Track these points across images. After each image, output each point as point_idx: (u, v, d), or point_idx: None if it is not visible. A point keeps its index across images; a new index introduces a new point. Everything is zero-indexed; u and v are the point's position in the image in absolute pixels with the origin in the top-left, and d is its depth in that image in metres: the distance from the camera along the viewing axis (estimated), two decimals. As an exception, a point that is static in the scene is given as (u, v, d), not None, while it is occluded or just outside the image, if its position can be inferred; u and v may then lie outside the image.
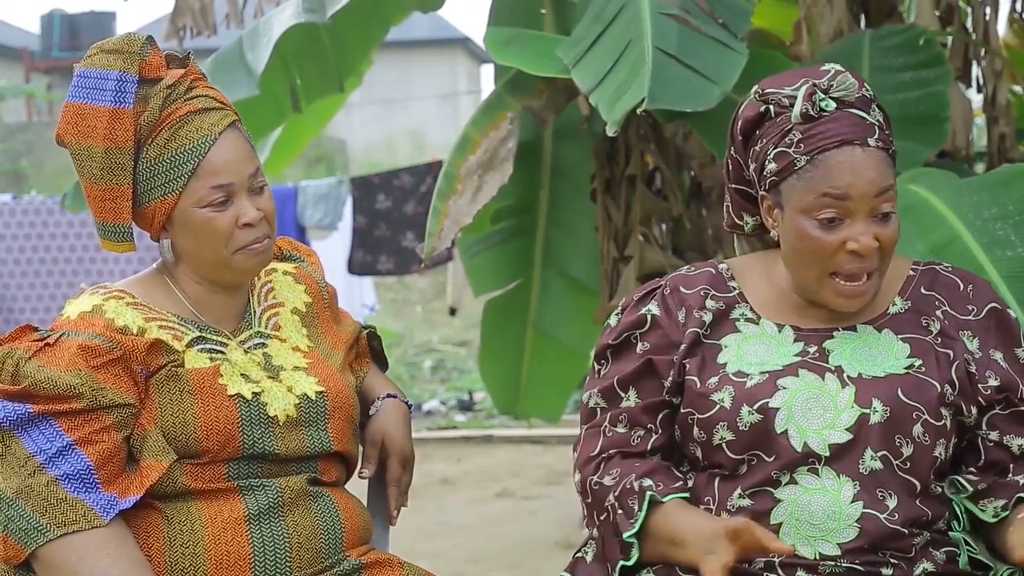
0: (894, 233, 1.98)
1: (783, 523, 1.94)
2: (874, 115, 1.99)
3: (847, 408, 1.95)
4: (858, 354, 2.00)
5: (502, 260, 4.78)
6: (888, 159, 1.98)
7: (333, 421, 2.14)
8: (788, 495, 1.94)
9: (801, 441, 1.94)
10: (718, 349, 2.04)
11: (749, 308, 2.08)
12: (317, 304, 2.27)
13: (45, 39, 18.09)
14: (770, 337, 2.04)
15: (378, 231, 8.56)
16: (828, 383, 1.98)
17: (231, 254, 2.08)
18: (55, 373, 1.98)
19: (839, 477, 1.93)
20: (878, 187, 1.96)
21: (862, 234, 1.95)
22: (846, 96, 1.98)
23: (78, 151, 2.06)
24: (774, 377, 1.98)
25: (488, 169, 3.87)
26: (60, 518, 1.93)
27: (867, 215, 1.96)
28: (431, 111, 21.86)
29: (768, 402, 1.96)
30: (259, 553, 2.03)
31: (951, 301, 2.06)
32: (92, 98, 2.05)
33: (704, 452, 2.02)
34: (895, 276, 2.08)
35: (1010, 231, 2.85)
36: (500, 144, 3.90)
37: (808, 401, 1.96)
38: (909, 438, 1.94)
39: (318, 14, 3.94)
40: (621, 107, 3.15)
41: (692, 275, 2.14)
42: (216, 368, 2.07)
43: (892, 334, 2.03)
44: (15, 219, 8.74)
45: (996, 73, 4.28)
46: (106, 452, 1.98)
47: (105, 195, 2.06)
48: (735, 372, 2.00)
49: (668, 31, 3.34)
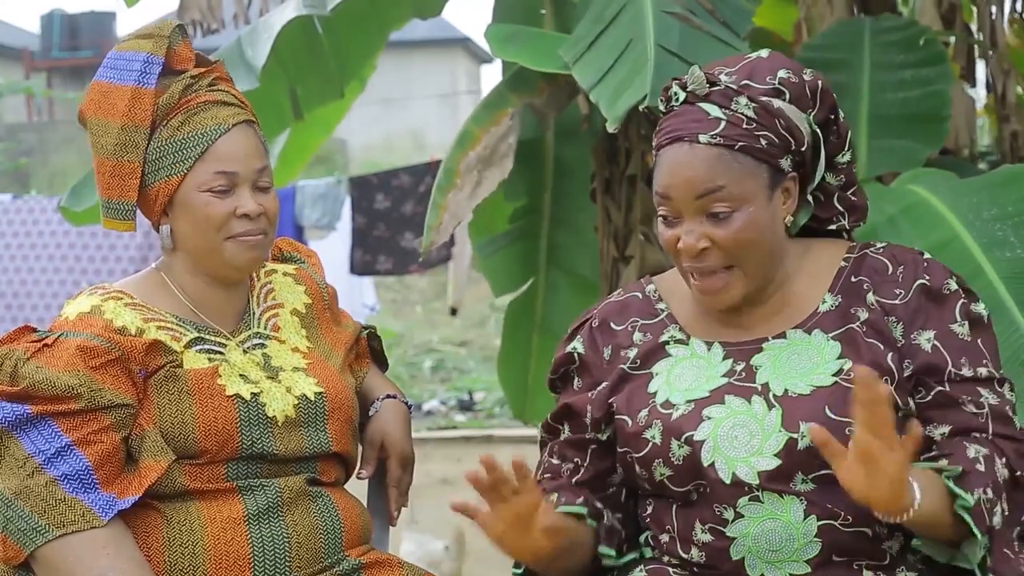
0: (733, 234, 1.89)
1: (745, 557, 1.89)
2: (733, 109, 1.90)
3: (774, 432, 1.87)
4: (786, 366, 1.92)
5: (513, 261, 4.78)
6: (729, 156, 1.88)
7: (332, 422, 2.14)
8: (739, 530, 1.89)
9: (729, 472, 1.88)
10: (648, 378, 1.99)
11: (678, 328, 2.02)
12: (317, 305, 2.27)
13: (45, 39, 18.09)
14: (699, 358, 1.98)
15: (377, 231, 8.55)
16: (755, 406, 1.90)
17: (223, 241, 2.08)
18: (53, 374, 1.98)
19: (783, 498, 1.87)
20: (697, 188, 1.88)
21: (687, 233, 1.90)
22: (696, 89, 1.93)
23: (96, 126, 2.10)
24: (700, 407, 1.92)
25: (488, 165, 3.86)
26: (59, 518, 1.93)
27: (695, 215, 1.90)
28: (431, 111, 21.86)
29: (693, 435, 1.90)
30: (258, 553, 2.03)
31: (877, 286, 1.96)
32: (118, 78, 2.10)
33: (651, 487, 1.98)
34: (826, 269, 2.00)
35: (1009, 232, 2.85)
36: (500, 140, 3.89)
37: (734, 428, 1.89)
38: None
39: (318, 8, 3.93)
40: (622, 104, 3.14)
41: (621, 302, 2.09)
42: (215, 368, 2.07)
43: (822, 334, 1.94)
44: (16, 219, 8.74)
45: (1005, 72, 4.25)
46: (105, 452, 1.98)
47: (115, 171, 2.08)
48: (663, 403, 1.95)
49: (670, 29, 3.34)
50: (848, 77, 3.74)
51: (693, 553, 1.94)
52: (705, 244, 1.91)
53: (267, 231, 2.12)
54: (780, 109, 1.92)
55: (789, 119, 1.93)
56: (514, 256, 4.75)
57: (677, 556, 1.96)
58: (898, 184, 3.26)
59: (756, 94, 1.92)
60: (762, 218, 1.91)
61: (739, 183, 1.89)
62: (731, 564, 1.90)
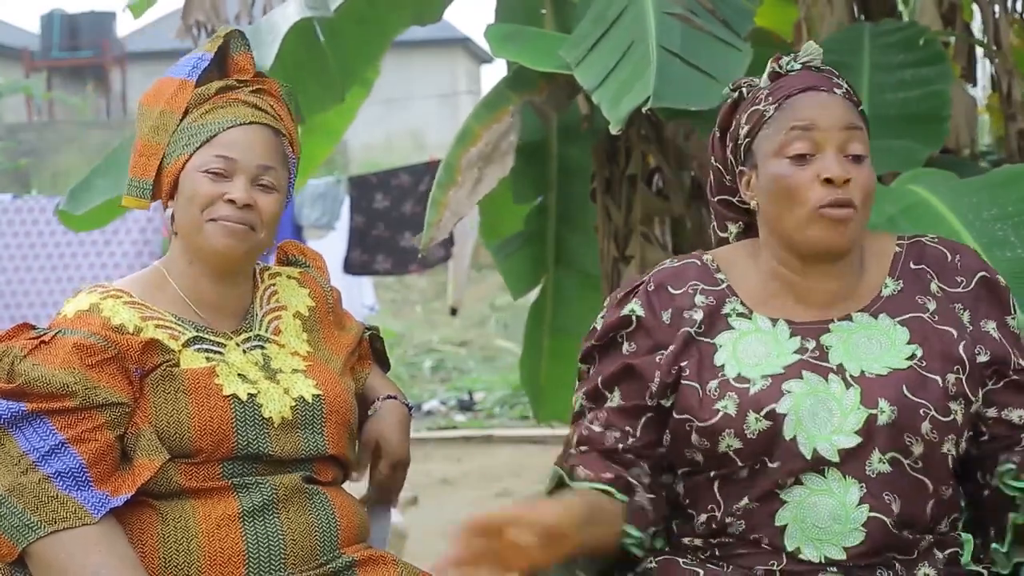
0: (868, 177, 1.97)
1: (788, 525, 1.91)
2: (842, 80, 2.03)
3: (853, 410, 1.91)
4: (858, 349, 1.96)
5: (526, 263, 4.79)
6: (855, 110, 2.01)
7: (329, 424, 2.14)
8: (793, 497, 1.91)
9: (810, 447, 1.90)
10: (713, 349, 1.99)
11: (739, 302, 2.02)
12: (320, 308, 2.27)
13: (45, 39, 18.11)
14: (765, 334, 1.99)
15: (376, 230, 8.55)
16: (832, 385, 1.93)
17: (205, 221, 2.09)
18: (49, 371, 1.98)
19: (845, 479, 1.90)
20: (844, 121, 1.98)
21: (833, 162, 1.95)
22: (812, 60, 2.05)
23: (142, 112, 2.20)
24: (778, 381, 1.93)
25: (489, 162, 3.86)
26: (51, 515, 1.94)
27: (836, 149, 1.96)
28: (431, 111, 21.87)
29: (775, 407, 1.91)
30: (253, 550, 2.03)
31: (940, 274, 2.03)
32: (175, 73, 2.21)
33: (707, 458, 1.97)
34: (882, 255, 2.05)
35: (1009, 232, 2.86)
36: (501, 137, 3.89)
37: (815, 405, 1.91)
38: (918, 435, 1.90)
39: (321, 9, 3.94)
40: (625, 106, 3.15)
41: (677, 268, 2.07)
42: (212, 368, 2.07)
43: (889, 319, 1.99)
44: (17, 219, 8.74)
45: (1009, 71, 4.24)
46: (99, 451, 1.98)
47: (143, 151, 2.17)
48: (735, 377, 1.95)
49: (672, 30, 3.34)
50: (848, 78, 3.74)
51: (731, 524, 1.94)
52: (849, 176, 1.96)
53: (255, 226, 2.11)
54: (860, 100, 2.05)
55: None
56: (526, 257, 4.76)
57: (709, 534, 1.97)
58: (898, 184, 3.26)
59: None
60: (874, 177, 2.00)
61: (865, 136, 2.00)
62: (771, 530, 1.92)
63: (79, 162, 15.27)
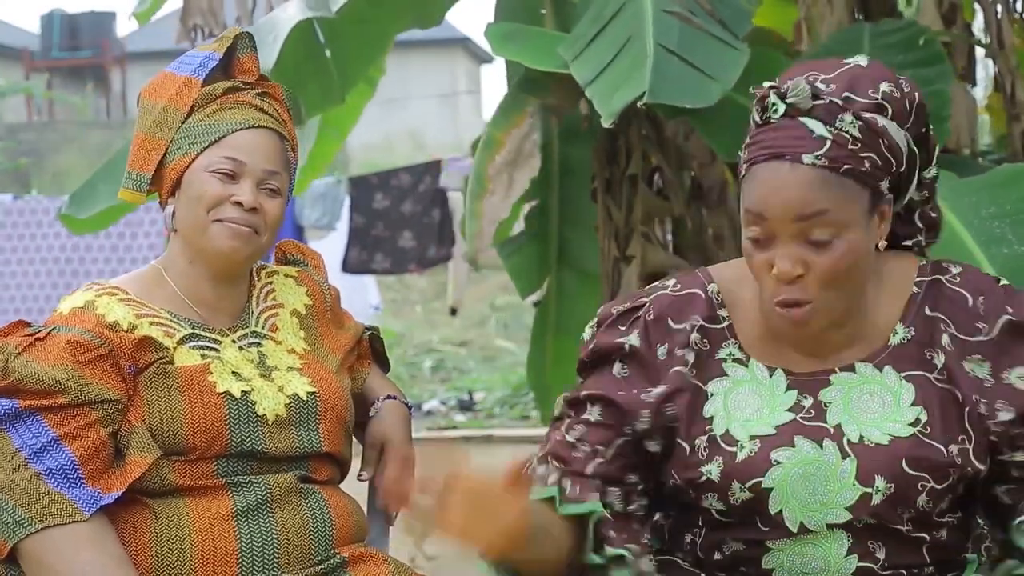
0: (833, 262, 1.76)
1: (775, 569, 1.85)
2: (838, 128, 1.77)
3: (848, 487, 1.80)
4: (859, 407, 1.83)
5: (530, 262, 4.79)
6: (833, 179, 1.75)
7: (324, 422, 2.13)
8: (780, 545, 1.84)
9: (796, 522, 1.81)
10: (704, 397, 1.87)
11: (737, 347, 1.89)
12: (318, 306, 2.27)
13: (45, 39, 18.11)
14: (760, 384, 1.87)
15: (375, 230, 8.56)
16: (827, 453, 1.81)
17: (211, 221, 2.09)
18: (42, 368, 1.98)
19: (832, 532, 1.82)
20: (798, 211, 1.75)
21: (782, 258, 1.76)
22: (799, 104, 1.78)
23: (144, 105, 2.19)
24: (767, 447, 1.81)
25: (516, 166, 3.89)
26: (41, 512, 1.93)
27: (792, 239, 1.76)
28: (431, 111, 21.87)
29: (761, 481, 1.81)
30: (246, 549, 2.02)
31: (958, 322, 1.85)
32: (179, 70, 2.20)
33: (691, 502, 1.89)
34: (897, 295, 1.88)
35: (1007, 229, 2.87)
36: (524, 140, 3.91)
37: (804, 477, 1.80)
38: (912, 507, 1.81)
39: (322, 10, 3.94)
40: (618, 100, 3.15)
41: (681, 298, 1.92)
42: (206, 366, 2.07)
43: (894, 373, 1.85)
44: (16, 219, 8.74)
45: (1012, 71, 4.23)
46: (91, 448, 1.98)
47: (144, 145, 2.16)
48: (723, 435, 1.84)
49: (669, 28, 3.35)
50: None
51: (716, 555, 1.90)
52: (801, 271, 1.77)
53: (259, 230, 2.11)
54: (884, 128, 1.79)
55: (892, 138, 1.80)
56: (530, 257, 4.76)
57: (696, 558, 1.93)
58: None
59: (860, 110, 1.78)
60: (862, 245, 1.79)
61: (842, 208, 1.75)
62: (758, 571, 1.86)
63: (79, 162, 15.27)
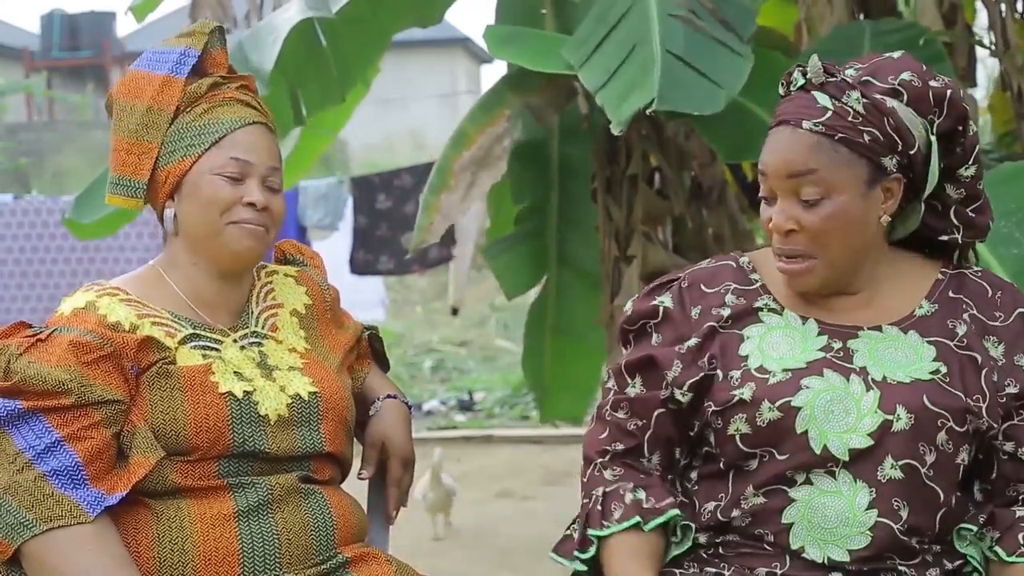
0: (819, 220, 1.92)
1: (794, 523, 1.91)
2: (843, 102, 1.93)
3: (870, 413, 1.91)
4: (883, 356, 1.95)
5: (522, 262, 4.79)
6: (827, 144, 1.91)
7: (326, 422, 2.13)
8: (802, 495, 1.91)
9: (821, 443, 1.90)
10: (740, 339, 2.00)
11: (772, 299, 2.03)
12: (317, 306, 2.27)
13: (45, 39, 18.10)
14: (794, 329, 2.00)
15: (379, 231, 8.56)
16: (852, 385, 1.93)
17: (225, 225, 2.09)
18: (45, 369, 1.97)
19: (855, 482, 1.90)
20: (789, 168, 1.93)
21: (777, 212, 1.95)
22: (813, 78, 1.96)
23: (121, 108, 2.14)
24: (798, 376, 1.94)
25: (482, 166, 3.87)
26: (46, 513, 1.93)
27: (787, 195, 1.94)
28: (431, 111, 21.85)
29: (791, 400, 1.92)
30: (248, 549, 2.02)
31: (979, 306, 2.00)
32: (152, 68, 2.15)
33: (716, 440, 1.99)
34: (923, 278, 2.04)
35: (1014, 228, 2.87)
36: (495, 142, 3.90)
37: (831, 403, 1.91)
38: (933, 446, 1.90)
39: (323, 10, 3.93)
40: (628, 107, 3.15)
41: (713, 269, 2.09)
42: (208, 366, 2.06)
43: (918, 336, 1.97)
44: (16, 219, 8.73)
45: (1018, 70, 4.22)
46: (94, 448, 1.97)
47: (131, 150, 2.12)
48: (757, 368, 1.96)
49: (675, 33, 3.34)
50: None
51: (736, 518, 1.95)
52: (792, 226, 1.94)
53: (269, 228, 2.13)
54: (892, 109, 1.94)
55: (900, 120, 1.94)
56: (522, 257, 4.75)
57: (714, 528, 1.97)
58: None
59: (871, 91, 1.94)
60: (852, 211, 1.93)
61: (832, 171, 1.91)
62: (776, 527, 1.92)
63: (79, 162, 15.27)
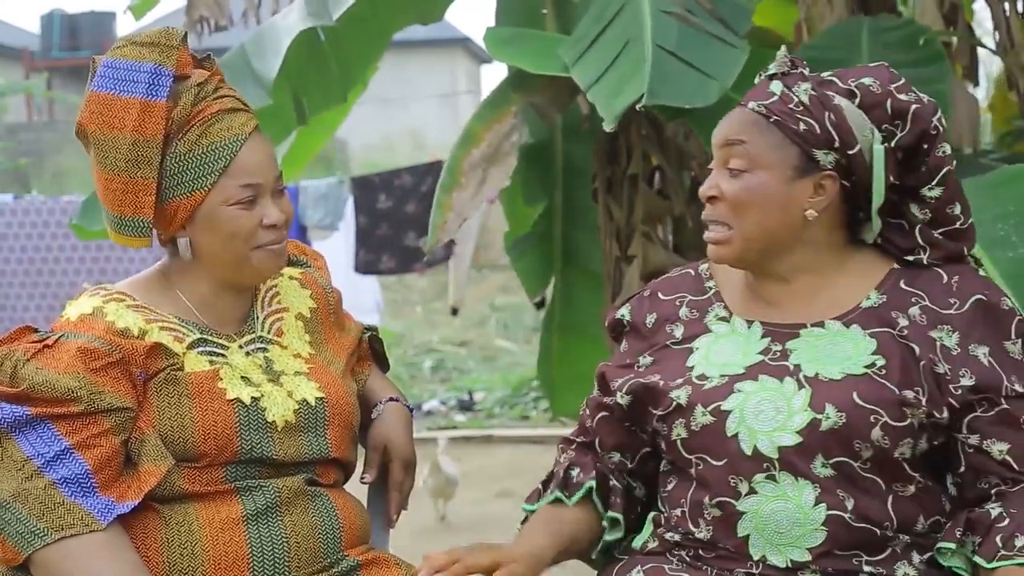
0: (736, 191, 1.98)
1: (750, 535, 1.93)
2: (792, 91, 1.98)
3: (800, 411, 1.91)
4: (820, 353, 1.96)
5: (537, 262, 4.80)
6: (762, 123, 1.97)
7: (332, 428, 2.13)
8: (750, 506, 1.92)
9: (751, 444, 1.92)
10: (688, 352, 2.05)
11: (723, 307, 2.07)
12: (322, 309, 2.26)
13: (45, 39, 18.07)
14: (739, 335, 2.03)
15: (379, 230, 8.56)
16: (786, 386, 1.94)
17: (251, 251, 2.07)
18: (53, 376, 1.96)
19: (797, 481, 1.90)
20: (723, 137, 2.01)
21: (710, 179, 2.02)
22: (776, 68, 2.04)
23: (102, 142, 2.02)
24: (733, 380, 1.97)
25: (492, 163, 3.87)
26: (57, 522, 1.92)
27: (719, 165, 2.01)
28: (431, 111, 21.85)
29: (721, 404, 1.95)
30: (257, 553, 2.02)
31: (932, 295, 1.98)
32: (122, 89, 2.01)
33: (665, 447, 2.05)
34: (876, 268, 2.03)
35: (1010, 231, 2.86)
36: (504, 139, 3.90)
37: (761, 403, 1.93)
38: (868, 442, 1.89)
39: (323, 17, 3.93)
40: (619, 103, 3.15)
41: (674, 278, 2.17)
42: (216, 371, 2.06)
43: (860, 329, 1.97)
44: (16, 219, 8.73)
45: (1022, 68, 4.21)
46: (104, 456, 1.96)
47: (127, 188, 2.02)
48: (698, 375, 2.00)
49: (668, 29, 3.35)
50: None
51: (701, 527, 1.97)
52: (715, 192, 2.00)
53: (287, 236, 2.13)
54: (838, 106, 1.97)
55: (843, 117, 1.97)
56: (538, 257, 4.77)
57: (685, 530, 1.99)
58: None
59: (826, 88, 1.99)
60: (772, 191, 1.97)
61: (760, 147, 1.97)
62: (735, 540, 1.94)
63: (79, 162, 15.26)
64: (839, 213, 2.01)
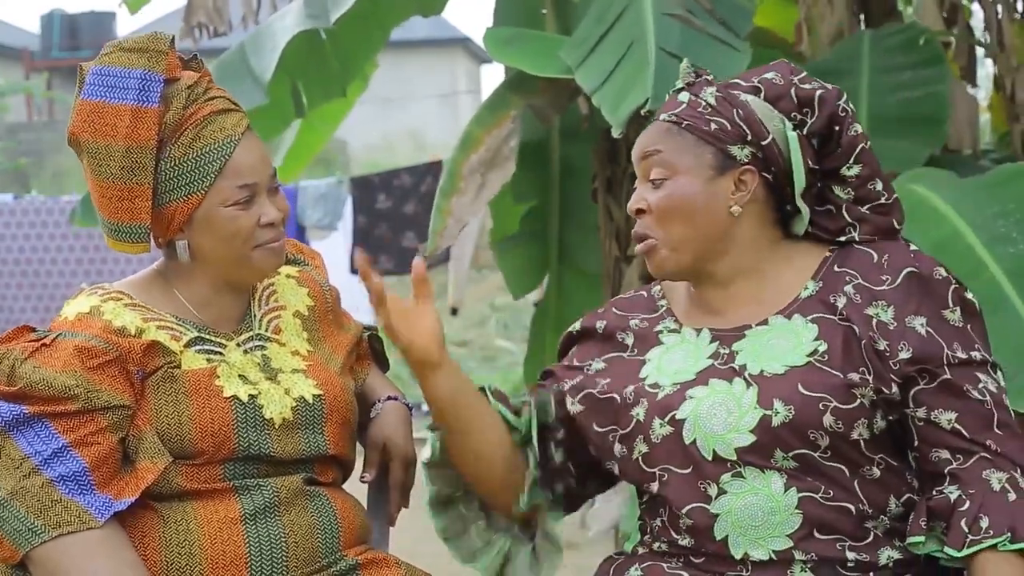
0: (659, 199, 2.00)
1: (728, 535, 1.92)
2: (699, 97, 2.04)
3: (750, 410, 1.92)
4: (764, 350, 1.97)
5: (526, 262, 4.80)
6: (675, 131, 2.02)
7: (330, 425, 2.13)
8: (722, 506, 1.92)
9: (709, 449, 1.93)
10: (641, 363, 2.06)
11: (673, 320, 2.09)
12: (319, 307, 2.26)
13: (45, 39, 18.09)
14: (689, 343, 2.04)
15: (378, 231, 8.57)
16: (735, 386, 1.95)
17: (250, 251, 2.07)
18: (51, 374, 1.96)
19: (764, 472, 1.91)
20: (640, 151, 2.05)
21: (635, 194, 2.06)
22: (681, 79, 2.09)
23: (95, 150, 2.03)
24: (684, 388, 1.98)
25: (491, 167, 3.87)
26: (55, 519, 1.92)
27: (642, 179, 2.05)
28: (431, 111, 21.86)
29: (675, 413, 1.96)
30: (255, 552, 2.02)
31: (864, 273, 1.98)
32: (112, 96, 2.02)
33: (622, 468, 2.04)
34: (811, 258, 2.04)
35: (1011, 228, 2.87)
36: (503, 142, 3.90)
37: (714, 407, 1.94)
38: (822, 430, 1.89)
39: (321, 19, 3.93)
40: (625, 108, 3.16)
41: (630, 298, 2.20)
42: (213, 369, 2.07)
43: (801, 318, 1.98)
44: (16, 219, 8.74)
45: (1012, 71, 4.22)
46: (101, 454, 1.97)
47: (123, 195, 2.03)
48: (651, 384, 2.01)
49: (671, 31, 3.35)
50: (848, 80, 3.75)
51: (683, 534, 1.97)
52: (641, 205, 2.04)
53: (284, 234, 2.14)
54: (745, 102, 2.03)
55: (751, 111, 2.02)
56: (527, 256, 4.77)
57: (669, 539, 1.99)
58: (899, 184, 3.26)
59: (730, 88, 2.05)
60: (694, 193, 2.00)
61: (676, 153, 2.01)
62: (716, 545, 1.93)
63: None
64: (767, 209, 2.04)
